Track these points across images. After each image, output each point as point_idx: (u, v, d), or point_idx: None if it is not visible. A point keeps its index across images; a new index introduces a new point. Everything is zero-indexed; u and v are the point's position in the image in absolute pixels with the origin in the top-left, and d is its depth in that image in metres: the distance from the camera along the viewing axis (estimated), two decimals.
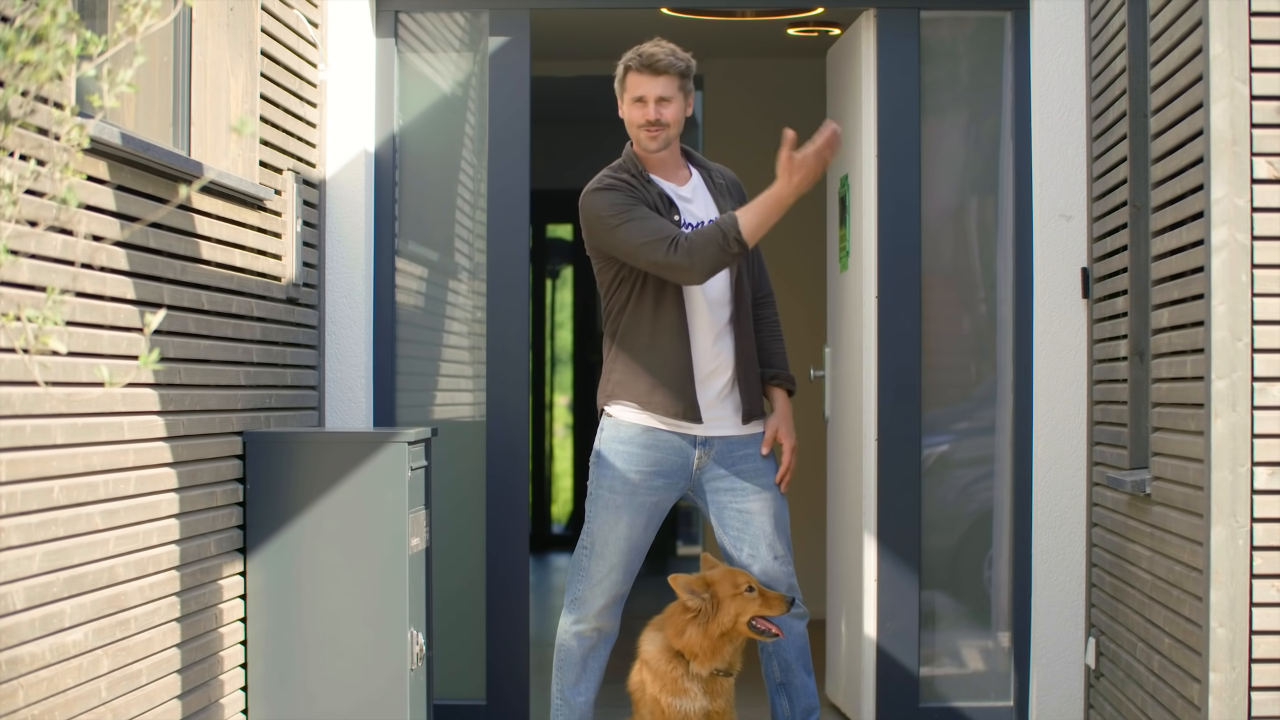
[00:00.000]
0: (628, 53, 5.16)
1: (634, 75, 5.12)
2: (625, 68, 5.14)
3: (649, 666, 5.11)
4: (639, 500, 5.11)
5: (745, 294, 5.19)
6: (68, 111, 3.08)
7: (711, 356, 5.13)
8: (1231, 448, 4.41)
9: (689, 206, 5.16)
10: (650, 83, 5.09)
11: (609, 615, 5.17)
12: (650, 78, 5.09)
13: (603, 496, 5.12)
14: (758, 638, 5.05)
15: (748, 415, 5.16)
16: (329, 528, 5.47)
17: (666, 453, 5.12)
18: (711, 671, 5.04)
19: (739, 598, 5.01)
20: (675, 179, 5.21)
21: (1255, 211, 4.42)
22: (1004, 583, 6.43)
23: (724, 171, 5.33)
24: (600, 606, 5.15)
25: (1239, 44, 4.42)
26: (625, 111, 5.16)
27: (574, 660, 5.19)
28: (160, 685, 4.81)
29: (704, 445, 5.13)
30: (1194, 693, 4.59)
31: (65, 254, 4.17)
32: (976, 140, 6.58)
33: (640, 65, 5.11)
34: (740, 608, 5.00)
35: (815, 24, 8.33)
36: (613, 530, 5.11)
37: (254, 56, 5.56)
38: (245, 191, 5.41)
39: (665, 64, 5.10)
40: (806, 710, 5.20)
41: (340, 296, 6.36)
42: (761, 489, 5.15)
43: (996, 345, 6.49)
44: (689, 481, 5.17)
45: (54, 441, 4.15)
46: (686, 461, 5.13)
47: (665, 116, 5.10)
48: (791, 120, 9.40)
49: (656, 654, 5.10)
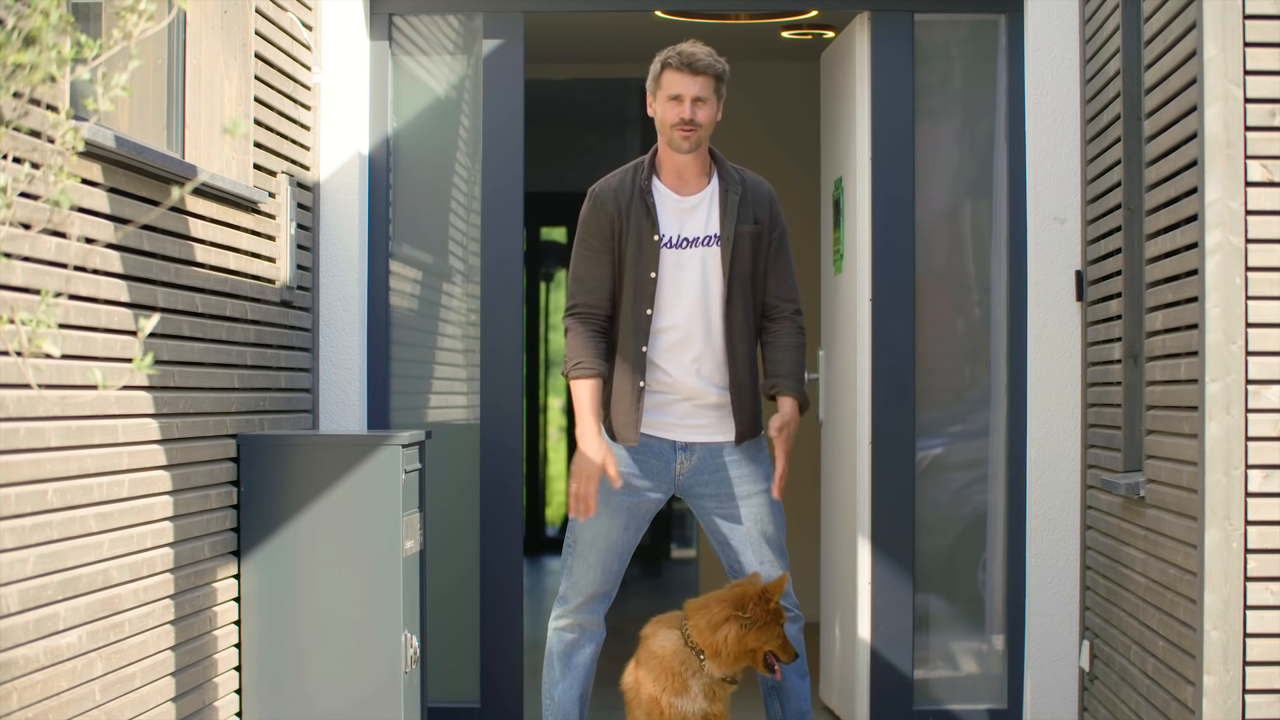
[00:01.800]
0: (665, 50, 5.10)
1: (672, 73, 5.07)
2: (663, 65, 5.09)
3: (653, 662, 5.08)
4: (617, 500, 5.10)
5: (739, 312, 5.09)
6: (62, 114, 3.08)
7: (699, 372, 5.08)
8: (1225, 451, 4.41)
9: (685, 217, 5.09)
10: (689, 82, 5.05)
11: (588, 612, 5.18)
12: (689, 77, 5.05)
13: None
14: (761, 669, 5.04)
15: (740, 436, 5.10)
16: (323, 530, 5.47)
17: (646, 456, 5.11)
18: (722, 676, 5.04)
19: (777, 628, 5.01)
20: (685, 188, 5.13)
21: (1249, 214, 4.42)
22: (998, 585, 6.43)
23: (750, 181, 5.18)
24: (579, 603, 5.16)
25: (1233, 47, 4.43)
26: (658, 109, 5.10)
27: (555, 656, 5.22)
28: (154, 688, 4.81)
29: (684, 451, 5.11)
30: (1188, 695, 4.59)
31: (59, 257, 4.17)
32: (971, 143, 6.58)
33: (680, 63, 5.06)
34: (771, 635, 5.00)
35: (809, 27, 8.33)
36: (592, 529, 5.11)
37: (248, 59, 5.56)
38: (239, 194, 5.40)
39: (704, 64, 5.06)
40: (798, 714, 5.19)
41: (334, 299, 6.35)
42: (748, 495, 5.12)
43: (990, 348, 6.49)
44: (672, 486, 5.15)
45: (48, 444, 4.14)
46: (667, 466, 5.11)
47: (700, 117, 5.05)
48: (785, 123, 9.43)
49: (671, 650, 5.06)
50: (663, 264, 5.05)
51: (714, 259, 5.08)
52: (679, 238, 5.08)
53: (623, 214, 5.06)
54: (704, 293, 5.07)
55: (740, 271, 5.09)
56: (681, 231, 5.09)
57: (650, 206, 5.06)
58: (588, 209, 5.13)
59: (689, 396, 5.09)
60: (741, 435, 5.11)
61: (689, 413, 5.10)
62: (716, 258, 5.08)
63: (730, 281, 5.08)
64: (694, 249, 5.09)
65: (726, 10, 7.67)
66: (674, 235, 5.08)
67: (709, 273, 5.08)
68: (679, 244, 5.07)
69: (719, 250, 5.08)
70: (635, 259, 5.05)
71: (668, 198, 5.11)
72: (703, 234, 5.10)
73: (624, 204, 5.07)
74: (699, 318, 5.08)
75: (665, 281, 5.06)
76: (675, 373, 5.07)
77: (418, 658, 5.64)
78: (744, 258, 5.10)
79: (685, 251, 5.08)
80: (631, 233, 5.05)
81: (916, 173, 6.45)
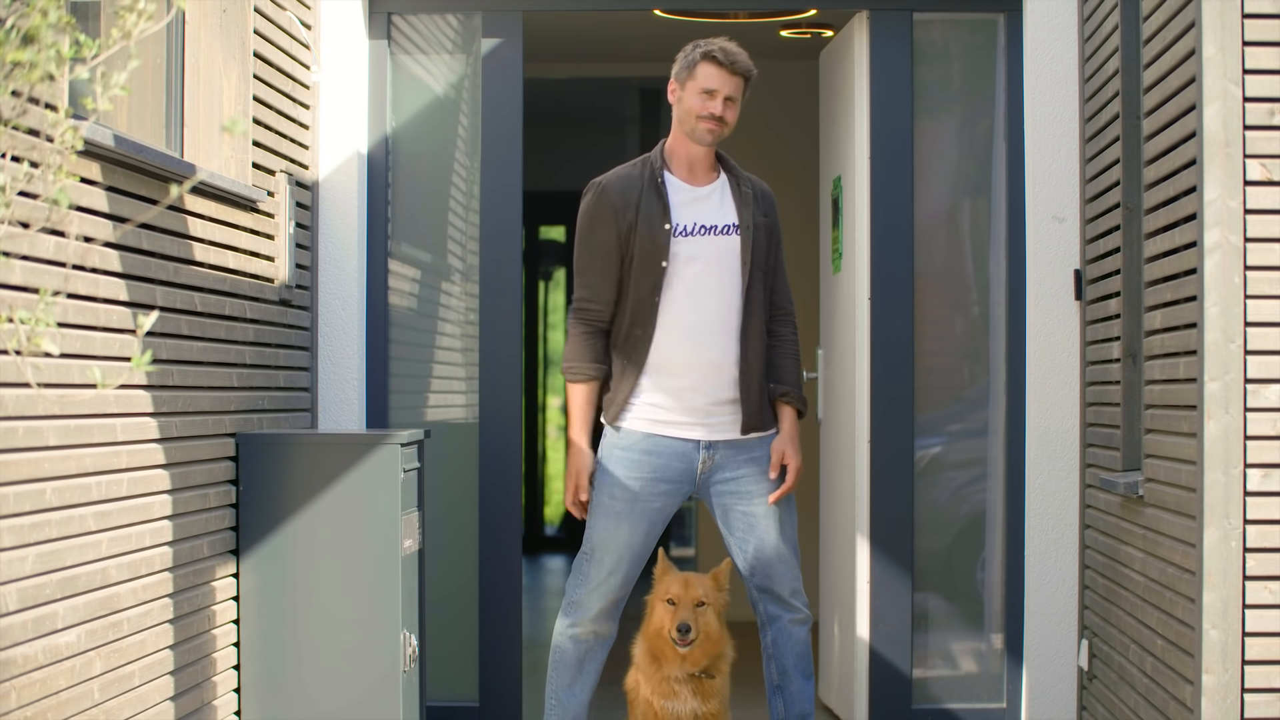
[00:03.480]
0: (702, 42, 5.06)
1: (710, 66, 5.03)
2: (702, 55, 5.04)
3: (639, 668, 5.14)
4: (640, 507, 5.07)
5: (756, 305, 5.08)
6: (61, 113, 3.08)
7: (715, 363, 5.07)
8: (1224, 450, 4.41)
9: (699, 206, 5.06)
10: (726, 79, 5.03)
11: (606, 619, 5.14)
12: (727, 74, 5.03)
13: (604, 503, 5.07)
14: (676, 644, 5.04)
15: (746, 427, 5.09)
16: (322, 529, 5.47)
17: (669, 459, 5.07)
18: (688, 673, 5.04)
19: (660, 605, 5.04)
20: (698, 180, 5.12)
21: (1248, 213, 4.42)
22: (997, 585, 6.43)
23: (755, 182, 5.20)
24: (597, 611, 5.12)
25: (1232, 46, 4.43)
26: (686, 98, 5.06)
27: (569, 663, 5.16)
28: (153, 687, 4.81)
29: (708, 449, 5.08)
30: (1187, 695, 4.60)
31: (58, 255, 4.17)
32: (969, 142, 6.58)
33: (724, 59, 5.02)
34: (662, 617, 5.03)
35: (808, 26, 8.33)
36: (613, 537, 5.07)
37: (247, 58, 5.56)
38: (238, 193, 5.40)
39: (744, 66, 5.05)
40: (800, 715, 5.18)
41: (333, 298, 6.35)
42: (767, 492, 5.10)
43: (989, 347, 6.49)
44: (693, 487, 5.11)
45: (47, 443, 4.14)
46: (690, 467, 5.08)
47: (729, 116, 5.05)
48: (784, 122, 9.43)
49: (640, 656, 5.13)
50: (674, 254, 5.01)
51: (733, 249, 5.06)
52: (695, 225, 5.05)
53: (632, 205, 5.02)
54: (721, 283, 5.05)
55: (759, 264, 5.08)
56: (698, 220, 5.06)
57: (663, 195, 5.03)
58: (592, 202, 5.08)
59: (703, 390, 5.05)
60: (748, 427, 5.09)
61: (707, 409, 5.06)
62: (736, 248, 5.06)
63: (751, 272, 5.06)
64: (712, 237, 5.05)
65: (725, 9, 7.67)
66: (689, 224, 5.05)
67: (727, 263, 5.05)
68: (695, 231, 5.04)
69: (739, 240, 5.06)
70: (647, 249, 5.01)
71: (680, 188, 5.09)
72: (721, 222, 5.07)
73: (633, 196, 5.03)
74: (714, 308, 5.05)
75: (676, 271, 5.02)
76: (686, 365, 5.04)
77: (416, 656, 5.64)
78: (760, 251, 5.09)
79: (702, 240, 5.05)
80: (642, 223, 5.01)
81: (915, 172, 6.45)
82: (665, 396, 5.05)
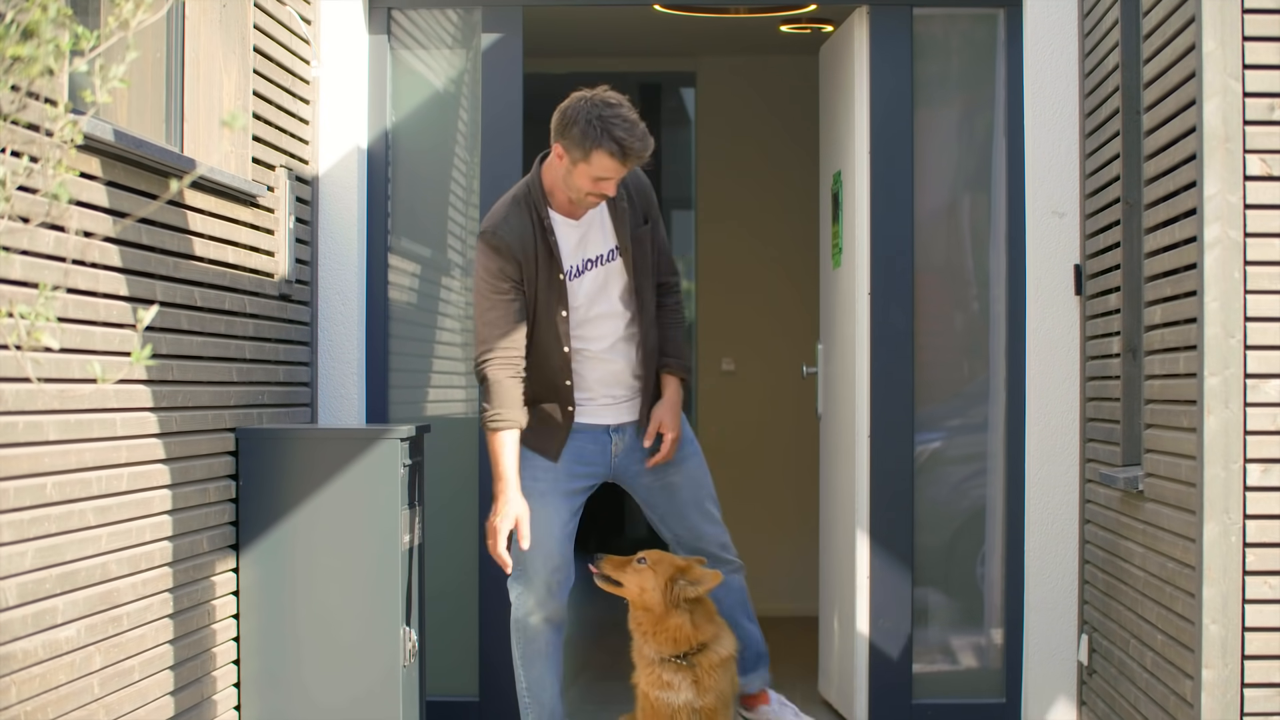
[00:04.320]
0: (598, 121, 4.94)
1: (607, 159, 4.96)
2: (599, 148, 4.95)
3: (640, 659, 5.20)
4: (562, 486, 5.22)
5: (648, 302, 5.22)
6: (61, 107, 3.08)
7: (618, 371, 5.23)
8: (1224, 444, 4.41)
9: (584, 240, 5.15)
10: (620, 169, 5.00)
11: (556, 599, 5.24)
12: (621, 165, 4.99)
13: (527, 486, 5.18)
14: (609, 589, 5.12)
15: (647, 408, 5.27)
16: (321, 524, 5.47)
17: (584, 441, 5.24)
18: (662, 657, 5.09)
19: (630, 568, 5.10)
20: (578, 210, 5.15)
21: (1248, 208, 4.42)
22: (997, 579, 6.43)
23: (635, 179, 5.22)
24: (544, 595, 5.22)
25: (1231, 41, 4.43)
26: (574, 176, 5.02)
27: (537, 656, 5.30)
28: (152, 681, 4.81)
29: (617, 432, 5.27)
30: (1187, 689, 4.60)
31: (57, 250, 4.16)
32: (969, 137, 6.58)
33: (619, 156, 4.94)
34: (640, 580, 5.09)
35: (808, 21, 8.33)
36: (540, 513, 5.17)
37: (247, 53, 5.55)
38: (238, 188, 5.40)
39: (639, 156, 4.98)
40: (757, 656, 5.38)
41: (333, 293, 6.35)
42: (679, 460, 5.28)
43: (989, 342, 6.49)
44: (608, 470, 5.28)
45: (46, 438, 4.14)
46: (604, 450, 5.26)
47: (612, 192, 5.08)
48: (784, 117, 9.42)
49: (634, 649, 5.19)
50: (572, 298, 5.15)
51: (617, 270, 5.21)
52: (583, 262, 5.18)
53: (531, 259, 5.10)
54: (614, 306, 5.21)
55: (642, 270, 5.23)
56: (584, 255, 5.18)
57: (553, 246, 5.12)
58: (489, 256, 5.11)
59: (610, 391, 5.26)
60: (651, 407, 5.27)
61: (612, 399, 5.25)
62: (620, 269, 5.20)
63: (638, 283, 5.20)
64: (599, 268, 5.19)
65: (725, 4, 7.67)
66: (578, 264, 5.17)
67: (614, 285, 5.20)
68: (584, 269, 5.18)
69: (621, 262, 5.20)
70: (546, 299, 5.12)
71: (564, 225, 5.16)
72: (604, 249, 5.20)
73: (530, 249, 5.10)
74: (613, 328, 5.22)
75: (577, 313, 5.16)
76: (596, 381, 5.23)
77: (416, 651, 5.64)
78: (644, 258, 5.24)
79: (590, 274, 5.18)
80: (541, 274, 5.12)
81: (915, 167, 6.45)
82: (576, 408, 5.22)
